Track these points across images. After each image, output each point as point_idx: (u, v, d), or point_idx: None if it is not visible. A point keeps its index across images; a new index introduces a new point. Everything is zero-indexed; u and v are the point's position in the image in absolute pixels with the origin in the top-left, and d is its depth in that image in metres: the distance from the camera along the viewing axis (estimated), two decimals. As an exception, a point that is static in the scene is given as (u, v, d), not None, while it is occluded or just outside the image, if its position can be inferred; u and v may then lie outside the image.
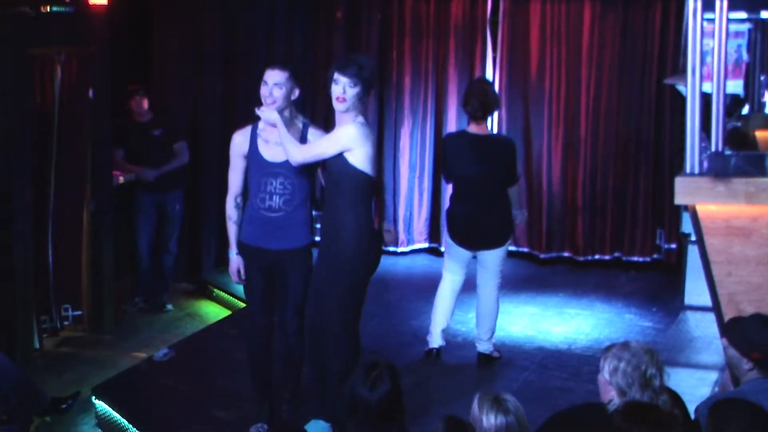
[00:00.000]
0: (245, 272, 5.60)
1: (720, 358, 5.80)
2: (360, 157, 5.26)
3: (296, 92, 5.43)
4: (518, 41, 9.16)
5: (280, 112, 5.38)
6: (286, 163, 5.39)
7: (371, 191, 5.41)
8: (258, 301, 5.62)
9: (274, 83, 5.37)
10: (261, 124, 5.50)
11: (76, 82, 7.32)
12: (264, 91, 5.40)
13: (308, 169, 5.47)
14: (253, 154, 5.48)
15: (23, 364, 6.44)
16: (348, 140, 5.26)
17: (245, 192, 5.59)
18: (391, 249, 9.29)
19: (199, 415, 6.03)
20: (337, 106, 5.32)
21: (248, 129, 5.54)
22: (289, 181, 5.42)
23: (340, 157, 5.29)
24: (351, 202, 5.31)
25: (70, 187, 7.41)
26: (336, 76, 5.30)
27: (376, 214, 9.32)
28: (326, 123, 8.76)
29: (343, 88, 5.28)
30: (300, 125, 5.48)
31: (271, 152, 5.44)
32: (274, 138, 5.43)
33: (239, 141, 5.54)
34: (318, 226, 5.80)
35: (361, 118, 5.40)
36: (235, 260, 5.58)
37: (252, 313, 5.71)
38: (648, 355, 3.80)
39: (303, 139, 5.44)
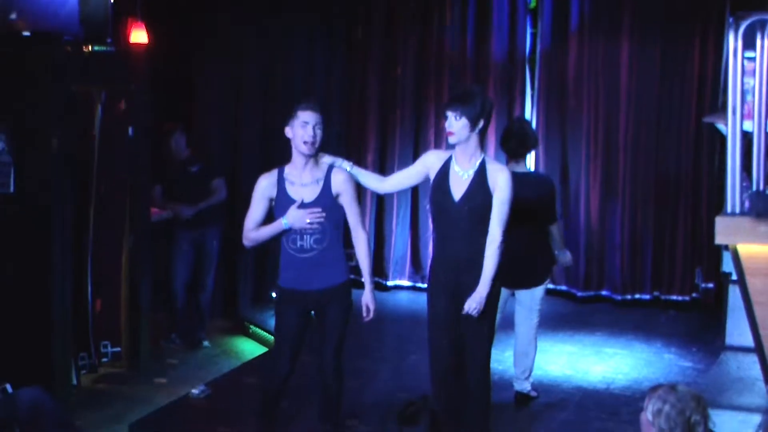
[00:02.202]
0: (281, 316, 5.61)
1: (763, 400, 5.73)
2: None
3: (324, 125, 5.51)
4: (555, 80, 9.16)
5: (316, 152, 5.42)
6: (316, 202, 5.43)
7: None
8: (288, 348, 5.59)
9: (315, 124, 5.41)
10: (287, 168, 5.53)
11: (116, 120, 7.39)
12: (306, 131, 5.40)
13: (337, 208, 5.49)
14: (281, 197, 5.50)
15: (61, 401, 6.44)
16: (510, 185, 5.46)
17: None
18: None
19: (235, 453, 6.02)
20: (450, 140, 5.46)
21: (275, 173, 5.56)
22: (318, 220, 5.44)
23: (489, 195, 5.42)
24: (485, 234, 5.44)
25: (109, 223, 7.45)
26: (445, 112, 5.45)
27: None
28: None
29: (450, 122, 5.41)
30: (326, 166, 5.51)
31: (298, 192, 5.48)
32: (300, 180, 5.47)
33: (266, 184, 5.55)
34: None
35: (487, 156, 5.53)
36: (290, 214, 5.45)
37: (279, 358, 5.66)
38: (695, 401, 3.73)
39: (327, 177, 5.46)
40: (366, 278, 5.55)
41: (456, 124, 5.39)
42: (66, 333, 6.90)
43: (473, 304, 5.40)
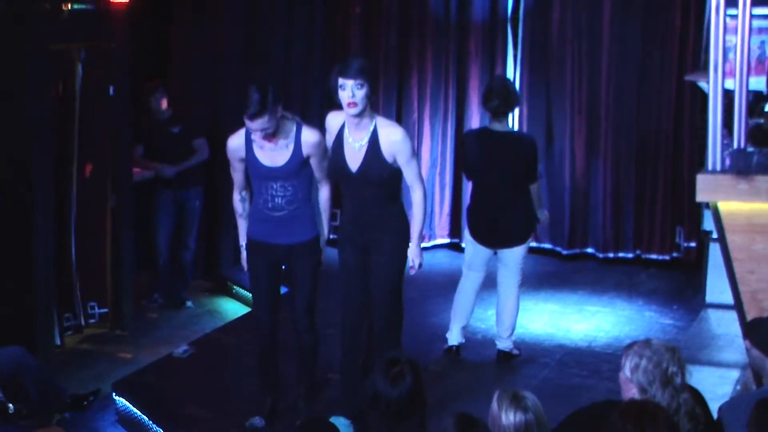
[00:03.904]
0: (252, 268, 5.64)
1: (742, 357, 5.77)
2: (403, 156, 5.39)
3: (279, 107, 5.37)
4: (538, 38, 9.12)
5: (275, 129, 5.38)
6: (284, 167, 5.42)
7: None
8: (263, 298, 5.66)
9: (262, 129, 5.32)
10: None
11: (97, 79, 7.34)
12: (256, 137, 5.35)
13: (306, 169, 5.48)
14: (251, 159, 5.50)
15: (44, 361, 6.45)
16: (410, 143, 5.43)
17: (250, 187, 5.65)
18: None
19: (218, 411, 6.04)
20: (350, 111, 5.31)
21: (242, 133, 5.53)
22: (289, 183, 5.44)
23: (385, 164, 5.35)
24: (394, 193, 5.48)
25: (91, 184, 7.43)
26: (341, 81, 5.29)
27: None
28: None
29: (351, 92, 5.26)
30: (294, 127, 5.46)
31: (267, 157, 5.46)
32: (268, 144, 5.43)
33: (234, 146, 5.55)
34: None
35: (380, 117, 5.43)
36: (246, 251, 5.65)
37: (257, 310, 5.75)
38: (670, 352, 3.77)
39: (297, 140, 5.43)
40: (321, 227, 5.63)
41: (359, 93, 5.26)
42: (49, 293, 6.89)
43: (416, 260, 5.53)
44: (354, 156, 5.41)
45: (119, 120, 7.49)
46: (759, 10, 7.08)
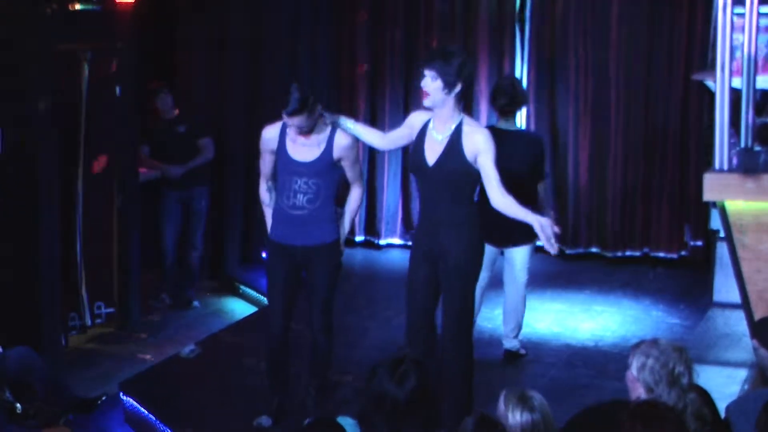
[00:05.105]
0: (270, 270, 5.64)
1: (749, 356, 5.76)
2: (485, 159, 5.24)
3: (317, 109, 5.41)
4: (545, 37, 9.12)
5: (311, 128, 5.41)
6: (313, 164, 5.42)
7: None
8: (279, 301, 5.65)
9: (299, 126, 5.38)
10: None
11: (103, 80, 7.34)
12: (291, 129, 5.43)
13: (335, 170, 5.49)
14: (281, 152, 5.51)
15: (50, 361, 6.45)
16: (494, 145, 5.23)
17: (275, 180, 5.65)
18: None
19: (225, 410, 6.04)
20: (425, 102, 5.26)
21: (278, 125, 5.55)
22: (313, 181, 5.44)
23: (463, 159, 5.22)
24: (468, 197, 5.29)
25: (98, 184, 7.43)
26: (422, 70, 5.26)
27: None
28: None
29: (425, 82, 5.21)
30: (329, 129, 5.47)
31: (298, 151, 5.46)
32: (301, 138, 5.43)
33: (269, 137, 5.57)
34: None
35: (466, 116, 5.33)
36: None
37: (272, 312, 5.73)
38: (677, 352, 3.76)
39: (330, 141, 5.43)
40: (342, 226, 5.63)
41: (432, 85, 5.16)
42: (55, 293, 6.88)
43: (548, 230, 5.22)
44: (433, 148, 5.27)
45: (126, 120, 7.49)
46: (766, 9, 7.08)
